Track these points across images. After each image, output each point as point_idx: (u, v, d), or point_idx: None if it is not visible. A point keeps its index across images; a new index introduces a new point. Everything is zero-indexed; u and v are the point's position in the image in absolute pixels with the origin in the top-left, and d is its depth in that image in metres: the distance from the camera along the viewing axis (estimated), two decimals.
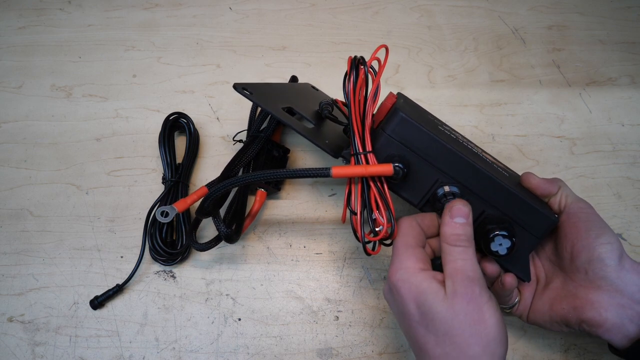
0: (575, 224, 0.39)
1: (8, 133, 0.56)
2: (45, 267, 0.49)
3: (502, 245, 0.36)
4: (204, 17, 0.66)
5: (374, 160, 0.38)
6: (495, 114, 0.58)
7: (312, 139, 0.42)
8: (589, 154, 0.56)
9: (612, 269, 0.36)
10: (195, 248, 0.45)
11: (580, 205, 0.40)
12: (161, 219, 0.41)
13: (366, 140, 0.39)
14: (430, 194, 0.39)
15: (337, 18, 0.66)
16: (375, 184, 0.38)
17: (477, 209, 0.39)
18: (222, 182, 0.39)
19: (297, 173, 0.38)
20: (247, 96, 0.42)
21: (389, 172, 0.37)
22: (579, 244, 0.38)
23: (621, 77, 0.61)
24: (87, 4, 0.67)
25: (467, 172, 0.38)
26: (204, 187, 0.46)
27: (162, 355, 0.45)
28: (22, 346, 0.45)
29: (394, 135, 0.39)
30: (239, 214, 0.46)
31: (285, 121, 0.42)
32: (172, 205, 0.42)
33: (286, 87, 0.54)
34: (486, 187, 0.38)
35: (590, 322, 0.36)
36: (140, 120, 0.57)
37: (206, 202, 0.41)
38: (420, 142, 0.38)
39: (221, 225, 0.42)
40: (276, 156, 0.51)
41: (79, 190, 0.53)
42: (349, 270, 0.49)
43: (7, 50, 0.63)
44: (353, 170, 0.37)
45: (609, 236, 0.37)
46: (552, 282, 0.40)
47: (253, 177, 0.39)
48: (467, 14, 0.66)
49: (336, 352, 0.45)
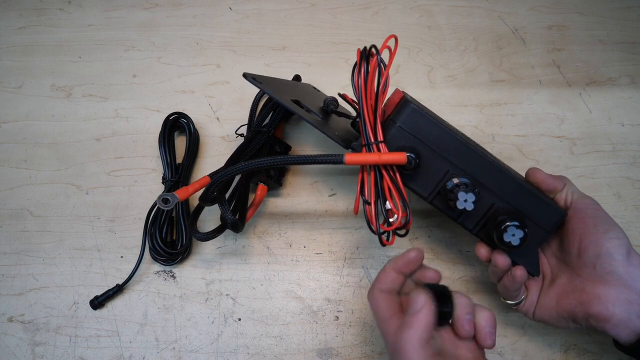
0: (583, 220, 0.39)
1: (8, 133, 0.56)
2: (45, 267, 0.49)
3: (515, 235, 0.37)
4: (204, 17, 0.66)
5: (385, 149, 0.38)
6: (495, 114, 0.58)
7: (322, 129, 0.42)
8: (589, 154, 0.56)
9: (620, 264, 0.36)
10: (196, 238, 0.43)
11: (586, 202, 0.40)
12: (163, 206, 0.40)
13: (377, 130, 0.38)
14: (440, 186, 0.39)
15: (337, 18, 0.66)
16: (388, 173, 0.38)
17: (487, 201, 0.39)
18: (230, 168, 0.38)
19: (308, 159, 0.37)
20: (257, 85, 0.42)
21: (402, 161, 0.37)
22: (586, 239, 0.38)
23: (621, 77, 0.61)
24: (87, 4, 0.67)
25: (478, 164, 0.39)
26: (207, 177, 0.45)
27: (162, 355, 0.45)
28: (22, 346, 0.45)
29: (405, 126, 0.39)
30: (241, 205, 0.45)
31: (295, 111, 0.42)
32: (174, 192, 0.41)
33: (291, 83, 0.54)
34: (496, 179, 0.39)
35: (598, 316, 0.36)
36: (140, 120, 0.57)
37: (212, 187, 0.40)
38: (431, 133, 0.39)
39: (228, 213, 0.41)
40: (278, 152, 0.51)
41: (79, 190, 0.53)
42: (349, 270, 0.49)
43: (7, 50, 0.63)
44: (367, 157, 0.37)
45: (617, 231, 0.38)
46: (559, 278, 0.40)
47: (261, 163, 0.38)
48: (467, 14, 0.66)
49: (336, 352, 0.45)
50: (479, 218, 0.40)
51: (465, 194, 0.37)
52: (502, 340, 0.45)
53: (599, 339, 0.46)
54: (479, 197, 0.39)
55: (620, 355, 0.44)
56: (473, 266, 0.49)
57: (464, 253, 0.50)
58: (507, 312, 0.47)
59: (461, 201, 0.37)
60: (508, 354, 0.45)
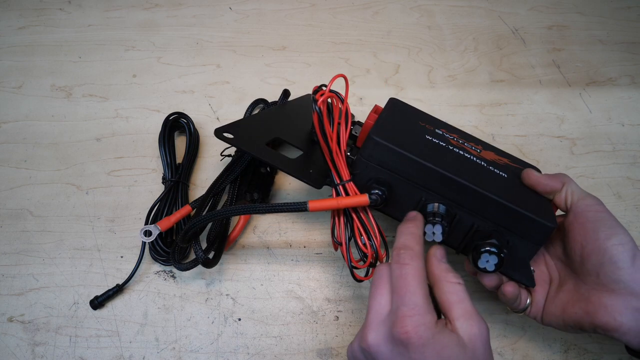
0: (584, 225, 0.37)
1: (8, 133, 0.56)
2: (45, 267, 0.49)
3: (490, 261, 0.36)
4: (204, 17, 0.66)
5: (353, 189, 0.39)
6: (495, 114, 0.58)
7: (293, 173, 0.42)
8: (589, 154, 0.56)
9: (625, 272, 0.34)
10: (177, 269, 0.45)
11: (587, 203, 0.38)
12: (144, 238, 0.43)
13: (341, 171, 0.39)
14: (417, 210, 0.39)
15: (337, 18, 0.66)
16: (357, 213, 0.38)
17: (466, 222, 0.38)
18: (202, 216, 0.40)
19: (275, 208, 0.38)
20: (228, 141, 0.42)
21: (364, 203, 0.37)
22: (588, 247, 0.36)
23: (621, 77, 0.61)
24: (87, 4, 0.67)
25: (450, 187, 0.37)
26: (188, 206, 0.47)
27: (162, 355, 0.45)
28: (22, 346, 0.45)
29: (370, 159, 0.38)
30: (219, 240, 0.46)
31: (266, 160, 0.42)
32: (156, 224, 0.44)
33: (277, 111, 0.53)
34: (472, 199, 0.37)
35: (605, 327, 0.34)
36: (140, 120, 0.57)
37: (187, 234, 0.42)
38: (397, 162, 0.38)
39: (199, 252, 0.42)
40: (263, 173, 0.51)
41: (79, 190, 0.53)
42: (348, 271, 0.49)
43: (7, 50, 0.63)
44: (328, 203, 0.37)
45: (621, 236, 0.35)
46: (566, 284, 0.39)
47: (232, 211, 0.40)
48: (467, 14, 0.66)
49: (336, 352, 0.45)
50: (460, 239, 0.39)
51: (432, 226, 0.36)
52: (502, 340, 0.45)
53: (599, 339, 0.46)
54: (455, 222, 0.38)
55: (620, 356, 0.45)
56: None
57: (461, 255, 0.50)
58: (507, 312, 0.47)
59: (429, 234, 0.36)
60: (508, 354, 0.45)
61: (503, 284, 0.39)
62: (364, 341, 0.31)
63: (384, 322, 0.31)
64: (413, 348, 0.29)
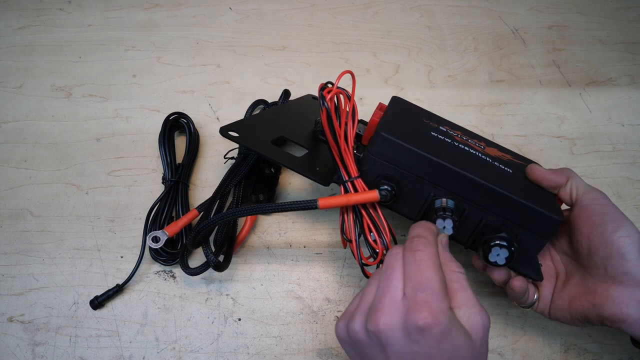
0: (589, 218, 0.37)
1: (8, 133, 0.56)
2: (45, 267, 0.48)
3: (500, 255, 0.36)
4: (204, 17, 0.66)
5: (362, 185, 0.39)
6: (495, 114, 0.58)
7: (300, 171, 0.42)
8: (589, 154, 0.56)
9: (632, 263, 0.35)
10: (187, 274, 0.44)
11: (592, 196, 0.38)
12: (152, 244, 0.43)
13: (350, 168, 0.38)
14: (425, 207, 0.39)
15: (337, 18, 0.66)
16: (366, 210, 0.38)
17: (475, 216, 0.38)
18: (210, 218, 0.40)
19: (284, 207, 0.38)
20: (234, 139, 0.42)
21: (374, 199, 0.37)
22: (595, 240, 0.36)
23: (621, 77, 0.61)
24: (87, 4, 0.67)
25: (459, 182, 0.37)
26: (195, 210, 0.47)
27: (162, 355, 0.45)
28: (22, 346, 0.45)
29: (378, 156, 0.38)
30: (228, 243, 0.46)
31: (274, 159, 0.42)
32: (164, 230, 0.44)
33: (279, 110, 0.53)
34: (481, 194, 0.37)
35: (612, 318, 0.35)
36: (140, 120, 0.57)
37: (196, 237, 0.42)
38: (406, 158, 0.38)
39: (211, 256, 0.42)
40: (267, 174, 0.51)
41: (79, 190, 0.53)
42: (349, 270, 0.49)
43: (7, 50, 0.63)
44: (338, 200, 0.37)
45: (627, 228, 0.36)
46: (572, 278, 0.39)
47: (242, 212, 0.40)
48: (467, 14, 0.66)
49: (336, 352, 0.45)
50: (469, 234, 0.39)
51: (443, 220, 0.36)
52: (502, 340, 0.45)
53: (599, 339, 0.46)
54: (463, 216, 0.38)
55: (620, 356, 0.45)
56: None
57: (464, 252, 0.50)
58: (507, 312, 0.47)
59: (440, 229, 0.36)
60: (508, 354, 0.45)
61: (511, 278, 0.39)
62: (374, 324, 0.30)
63: (399, 307, 0.30)
64: (430, 334, 0.28)
